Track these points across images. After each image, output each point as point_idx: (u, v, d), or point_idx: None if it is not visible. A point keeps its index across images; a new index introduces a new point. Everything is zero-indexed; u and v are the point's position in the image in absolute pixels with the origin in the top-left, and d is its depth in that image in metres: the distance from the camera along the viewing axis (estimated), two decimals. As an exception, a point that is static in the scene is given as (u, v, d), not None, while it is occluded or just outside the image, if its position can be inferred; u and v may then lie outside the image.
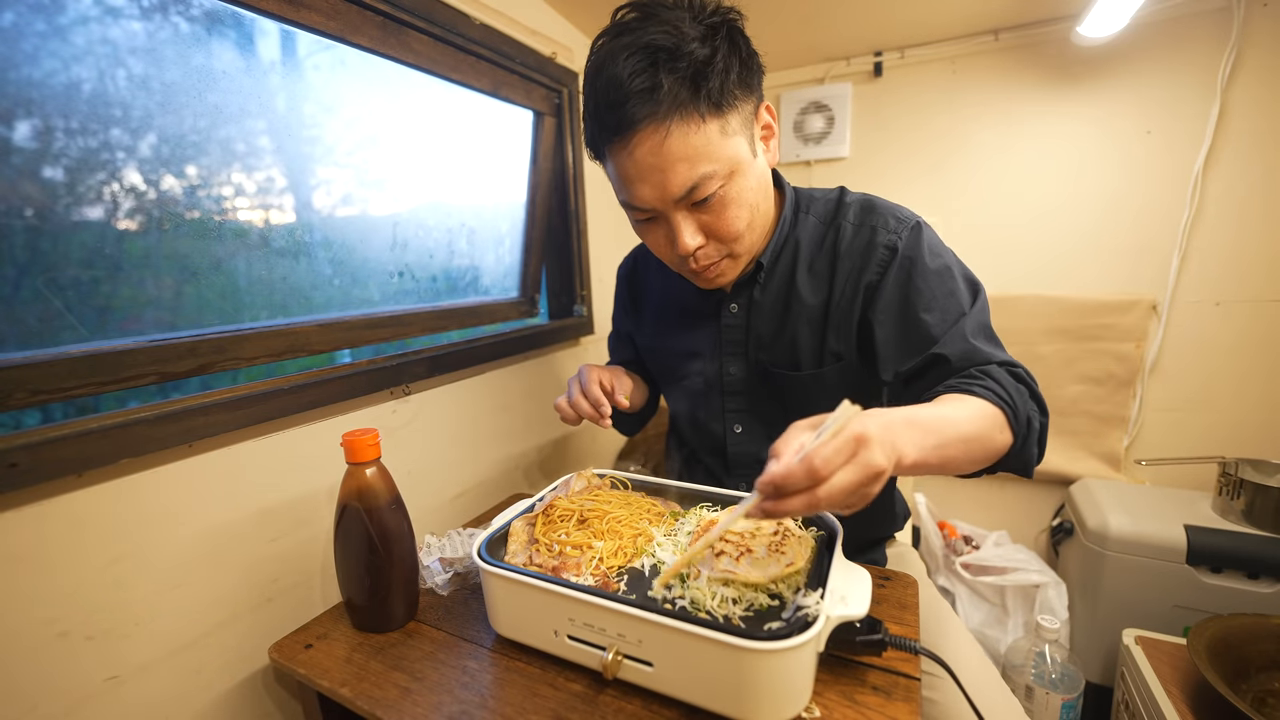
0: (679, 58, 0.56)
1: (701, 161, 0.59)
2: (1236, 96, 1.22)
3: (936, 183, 1.50)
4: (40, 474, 0.51)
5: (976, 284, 0.70)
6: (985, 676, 0.70)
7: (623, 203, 0.67)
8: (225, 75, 0.70)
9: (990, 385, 0.60)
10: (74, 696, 0.55)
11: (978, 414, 0.57)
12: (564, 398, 0.76)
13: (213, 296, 0.72)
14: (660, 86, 0.56)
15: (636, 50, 0.56)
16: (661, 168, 0.59)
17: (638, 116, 0.57)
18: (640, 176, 0.61)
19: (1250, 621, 0.94)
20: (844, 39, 1.44)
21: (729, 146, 0.60)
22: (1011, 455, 0.60)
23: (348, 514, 0.63)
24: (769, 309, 0.75)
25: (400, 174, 0.97)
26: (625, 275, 0.96)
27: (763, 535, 0.58)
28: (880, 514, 0.85)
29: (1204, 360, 1.33)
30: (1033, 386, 0.63)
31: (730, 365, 0.79)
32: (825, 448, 0.42)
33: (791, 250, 0.74)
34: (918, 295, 0.67)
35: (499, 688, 0.55)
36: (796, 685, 0.48)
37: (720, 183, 0.61)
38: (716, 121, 0.59)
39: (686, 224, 0.63)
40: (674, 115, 0.57)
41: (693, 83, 0.57)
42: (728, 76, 0.58)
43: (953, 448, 0.53)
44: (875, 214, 0.71)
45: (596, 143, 0.64)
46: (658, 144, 0.58)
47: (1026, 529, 1.53)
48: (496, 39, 1.00)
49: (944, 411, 0.55)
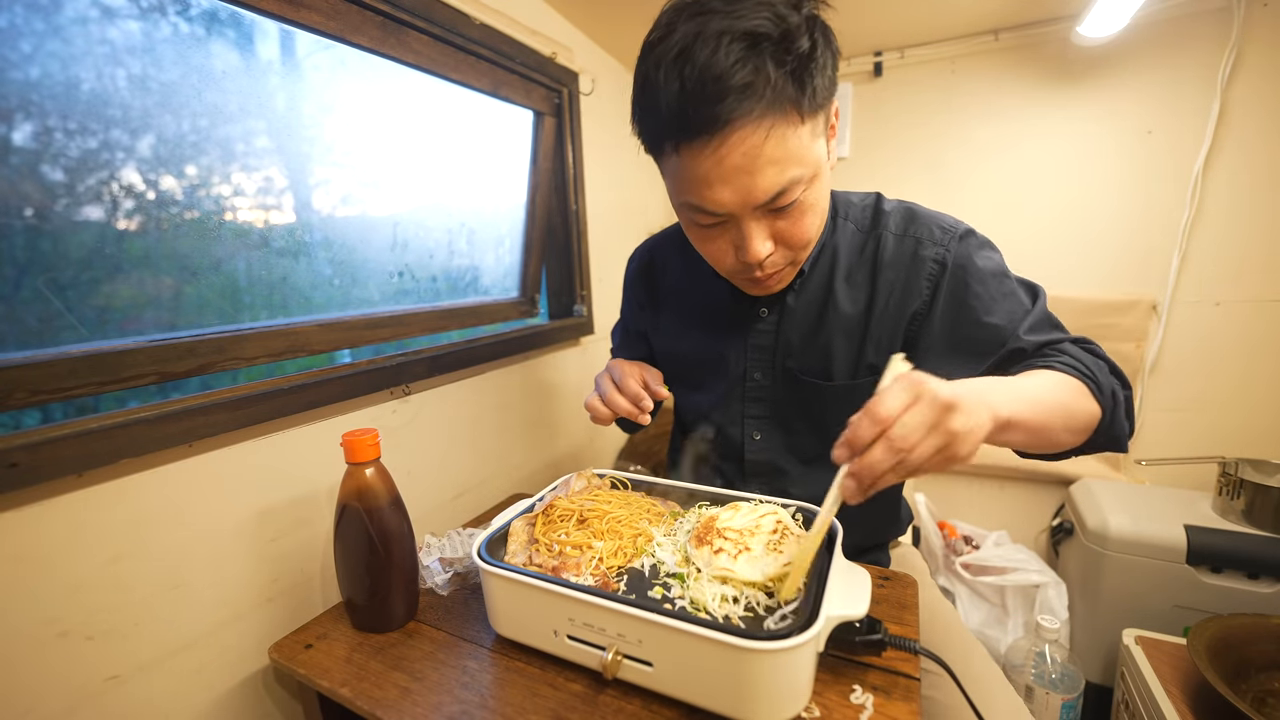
0: (787, 49, 0.50)
1: (792, 165, 0.54)
2: (1237, 96, 1.22)
3: (936, 182, 1.50)
4: (40, 474, 0.51)
5: (1035, 285, 0.69)
6: (988, 676, 0.69)
7: (685, 204, 0.59)
8: (225, 75, 0.69)
9: (1065, 360, 0.59)
10: (74, 696, 0.55)
11: (1060, 384, 0.57)
12: (595, 396, 0.73)
13: (213, 296, 0.72)
14: (768, 81, 0.50)
15: (738, 37, 0.49)
16: (751, 170, 0.53)
17: (735, 114, 0.50)
18: (723, 179, 0.54)
19: (1250, 621, 0.94)
20: (844, 39, 1.42)
21: (816, 149, 0.56)
22: (1102, 427, 0.59)
23: (348, 514, 0.63)
24: (802, 315, 0.72)
25: (400, 174, 0.97)
26: (641, 271, 0.89)
27: (761, 533, 0.58)
28: (885, 518, 0.84)
29: (1204, 360, 1.33)
30: (1110, 362, 0.63)
31: (755, 371, 0.76)
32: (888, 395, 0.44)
33: (830, 257, 0.71)
34: (978, 301, 0.65)
35: (499, 688, 0.55)
36: (796, 685, 0.48)
37: (804, 188, 0.56)
38: (811, 122, 0.54)
39: (759, 230, 0.58)
40: (775, 114, 0.51)
41: (798, 78, 0.51)
42: (826, 73, 0.53)
43: (1045, 408, 0.53)
44: (918, 224, 0.68)
45: (663, 137, 0.56)
46: (755, 145, 0.52)
47: (1026, 529, 1.53)
48: (496, 39, 1.00)
49: (1024, 380, 0.55)
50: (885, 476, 0.45)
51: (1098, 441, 0.61)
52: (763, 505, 0.64)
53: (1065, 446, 0.60)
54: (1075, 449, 0.62)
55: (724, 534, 0.58)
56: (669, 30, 0.52)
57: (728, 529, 0.59)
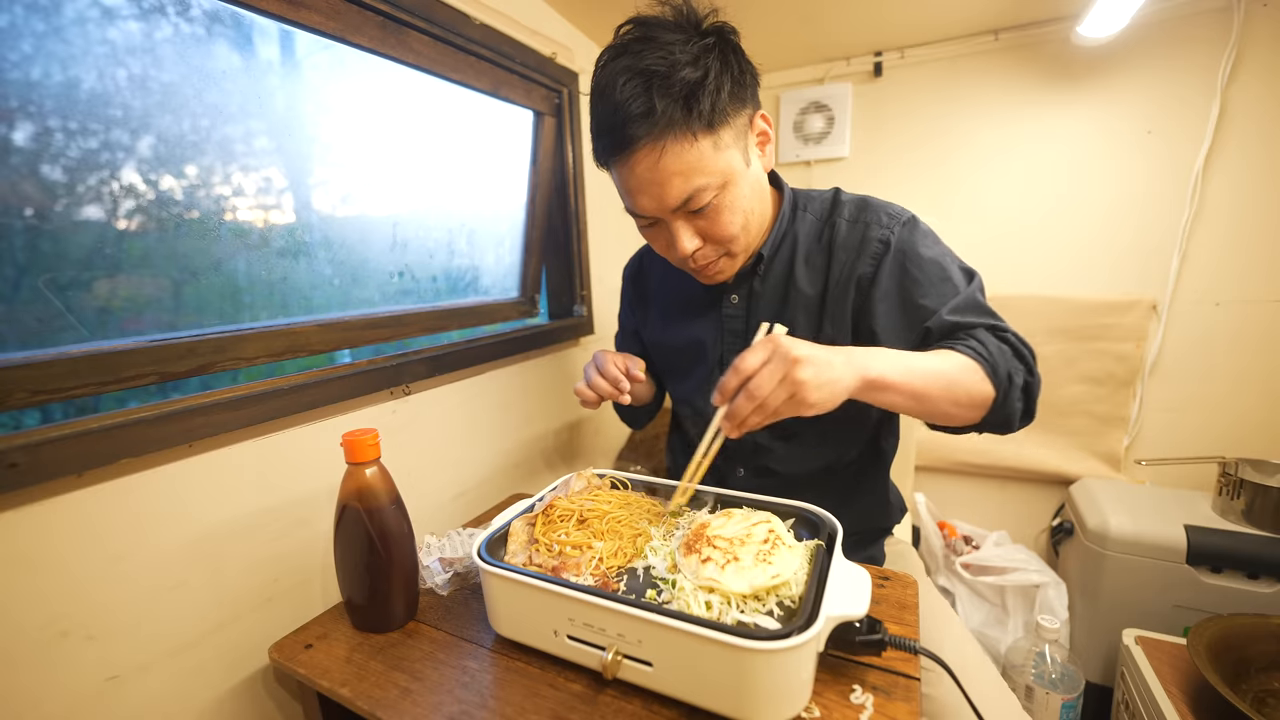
0: (672, 83, 0.59)
1: (695, 175, 0.63)
2: (1236, 96, 1.22)
3: (936, 183, 1.50)
4: (40, 474, 0.51)
5: (972, 271, 0.74)
6: (983, 675, 0.71)
7: (627, 209, 0.71)
8: (225, 75, 0.69)
9: (971, 344, 0.65)
10: (75, 695, 0.55)
11: (956, 363, 0.63)
12: (582, 382, 0.80)
13: (213, 296, 0.72)
14: (655, 110, 0.60)
15: (634, 75, 0.60)
16: (659, 182, 0.63)
17: (636, 136, 0.61)
18: (640, 189, 0.65)
19: (1250, 621, 0.94)
20: (844, 39, 1.44)
21: (721, 160, 0.64)
22: (995, 406, 0.65)
23: (348, 514, 0.63)
24: (768, 299, 0.79)
25: (400, 174, 0.97)
26: (632, 274, 1.00)
27: (752, 543, 0.57)
28: (873, 504, 0.87)
29: (1204, 360, 1.33)
30: (1019, 348, 0.68)
31: (731, 354, 0.82)
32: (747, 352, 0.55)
33: (790, 245, 0.78)
34: (914, 284, 0.71)
35: (499, 688, 0.55)
36: (796, 685, 0.48)
37: (714, 193, 0.65)
38: (709, 138, 0.63)
39: (684, 229, 0.68)
40: (668, 135, 0.61)
41: (685, 104, 0.60)
42: (719, 96, 0.61)
43: (924, 377, 0.60)
44: (869, 210, 0.75)
45: (598, 156, 0.69)
46: (654, 161, 0.62)
47: (1026, 529, 1.53)
48: (496, 39, 1.00)
49: (917, 354, 0.62)
50: (750, 418, 0.56)
51: (991, 420, 0.67)
52: (757, 513, 0.64)
53: (955, 420, 0.67)
54: (971, 425, 0.68)
55: (713, 542, 0.57)
56: (600, 67, 0.64)
57: (718, 537, 0.58)
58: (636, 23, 0.64)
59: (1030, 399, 0.68)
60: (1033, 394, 0.68)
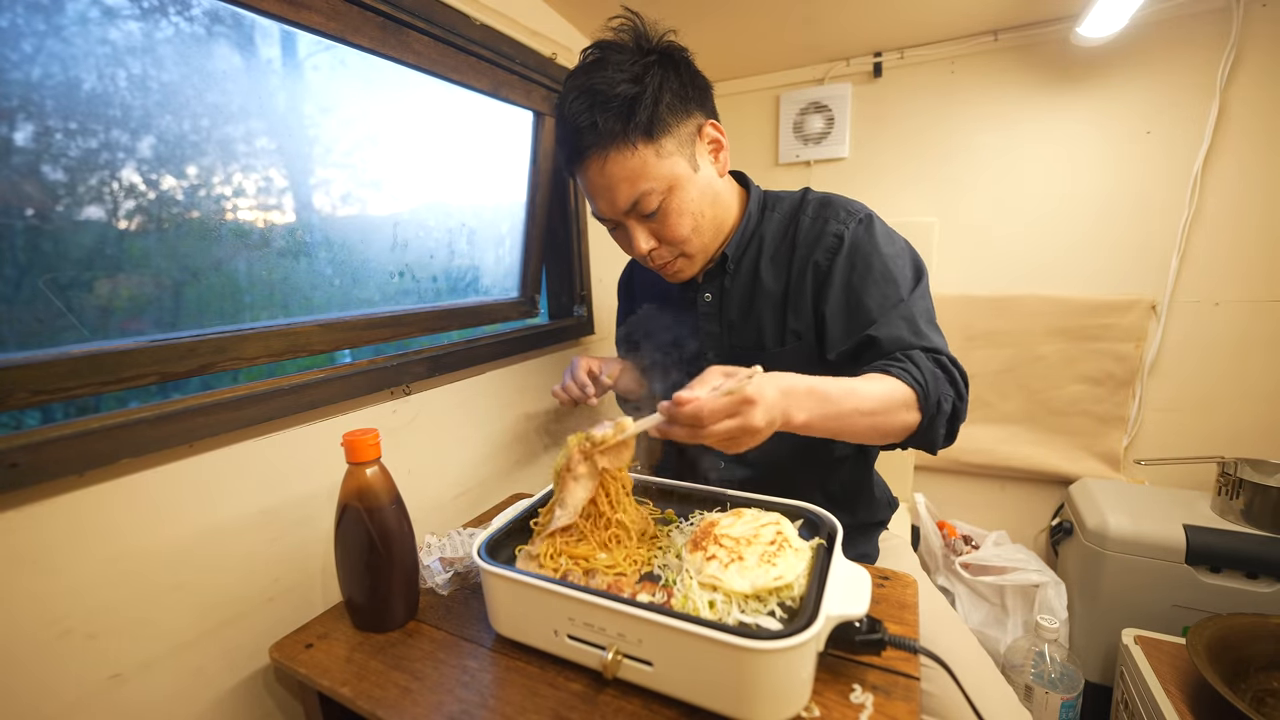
0: (609, 99, 0.67)
1: (640, 180, 0.69)
2: (1236, 96, 1.23)
3: (936, 183, 1.50)
4: (41, 474, 0.51)
5: (921, 271, 0.76)
6: (983, 674, 0.71)
7: (592, 213, 0.79)
8: (225, 75, 0.69)
9: (908, 368, 0.67)
10: (76, 694, 0.55)
11: (888, 392, 0.64)
12: (559, 385, 0.88)
13: (213, 297, 0.72)
14: (596, 124, 0.67)
15: (582, 93, 0.68)
16: (608, 187, 0.71)
17: (585, 146, 0.69)
18: (596, 194, 0.73)
19: (1249, 621, 0.94)
20: (844, 39, 1.44)
21: (665, 166, 0.70)
22: (919, 432, 0.67)
23: (348, 514, 0.63)
24: (738, 296, 0.83)
25: (400, 174, 0.97)
26: (624, 284, 1.07)
27: (759, 543, 0.57)
28: (857, 498, 0.89)
29: (1203, 360, 1.33)
30: (953, 373, 0.70)
31: (709, 350, 0.87)
32: (715, 403, 0.53)
33: (757, 244, 0.82)
34: (861, 281, 0.74)
35: (499, 687, 0.56)
36: (796, 685, 0.49)
37: (661, 197, 0.71)
38: (650, 146, 0.69)
39: (639, 231, 0.74)
40: (611, 146, 0.68)
41: (623, 117, 0.67)
42: (657, 108, 0.68)
43: (850, 418, 0.61)
44: (830, 207, 0.79)
45: (563, 166, 0.76)
46: (600, 169, 0.70)
47: (1026, 529, 1.53)
48: (496, 39, 1.00)
49: (855, 385, 0.63)
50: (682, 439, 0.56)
51: (910, 443, 0.70)
52: (767, 514, 0.63)
53: (873, 442, 0.69)
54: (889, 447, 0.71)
55: (720, 540, 0.57)
56: (564, 86, 0.71)
57: (725, 535, 0.58)
58: (597, 46, 0.71)
59: (954, 425, 0.70)
60: (958, 420, 0.70)
